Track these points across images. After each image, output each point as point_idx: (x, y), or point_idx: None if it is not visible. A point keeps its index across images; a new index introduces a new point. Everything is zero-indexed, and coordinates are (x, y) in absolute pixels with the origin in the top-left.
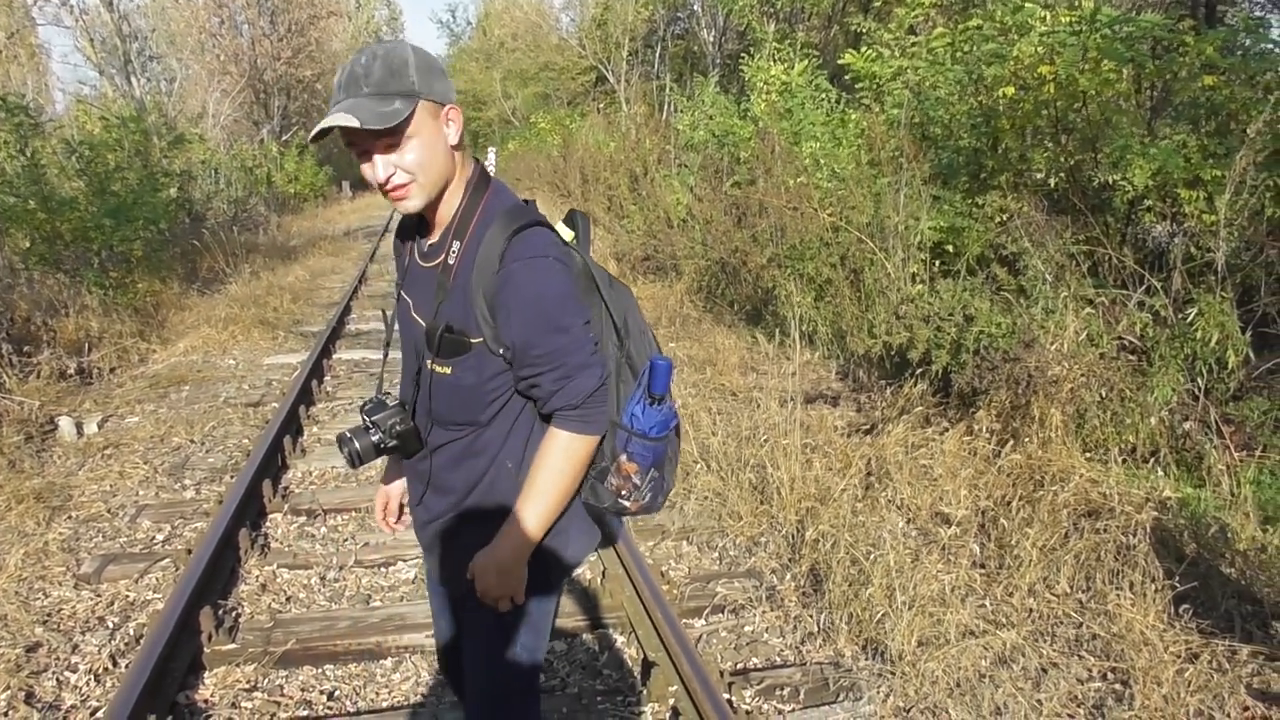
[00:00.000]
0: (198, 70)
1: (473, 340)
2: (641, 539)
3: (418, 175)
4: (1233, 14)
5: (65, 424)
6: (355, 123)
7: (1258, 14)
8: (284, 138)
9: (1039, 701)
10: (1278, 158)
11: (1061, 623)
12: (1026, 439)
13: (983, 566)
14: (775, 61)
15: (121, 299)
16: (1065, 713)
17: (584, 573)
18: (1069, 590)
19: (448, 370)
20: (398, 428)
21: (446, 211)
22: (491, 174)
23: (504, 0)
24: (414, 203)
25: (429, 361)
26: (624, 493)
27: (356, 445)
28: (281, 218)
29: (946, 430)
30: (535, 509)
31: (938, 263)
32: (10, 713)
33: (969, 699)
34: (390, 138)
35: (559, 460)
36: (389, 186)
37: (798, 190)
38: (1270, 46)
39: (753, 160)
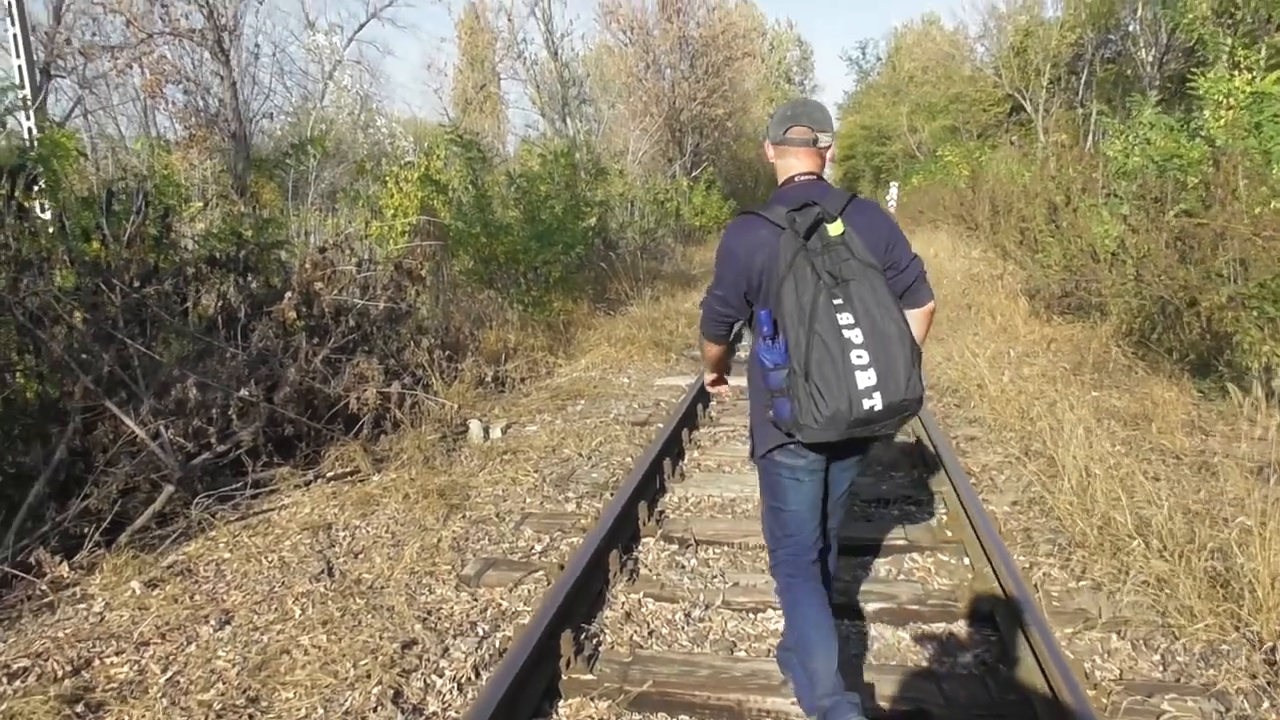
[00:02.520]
0: (622, 111)
1: None
2: (1058, 624)
3: None
4: None
5: (475, 427)
6: None
7: None
8: (694, 173)
9: None
10: None
11: None
12: None
13: None
14: (1240, 72)
15: (538, 315)
16: None
17: (989, 653)
18: None
19: None
20: None
21: None
22: (888, 207)
23: (916, 34)
24: None
25: None
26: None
27: None
28: (685, 247)
29: None
30: None
31: None
32: (379, 709)
33: None
34: None
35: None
36: None
37: (1271, 218)
38: None
39: (1204, 186)
